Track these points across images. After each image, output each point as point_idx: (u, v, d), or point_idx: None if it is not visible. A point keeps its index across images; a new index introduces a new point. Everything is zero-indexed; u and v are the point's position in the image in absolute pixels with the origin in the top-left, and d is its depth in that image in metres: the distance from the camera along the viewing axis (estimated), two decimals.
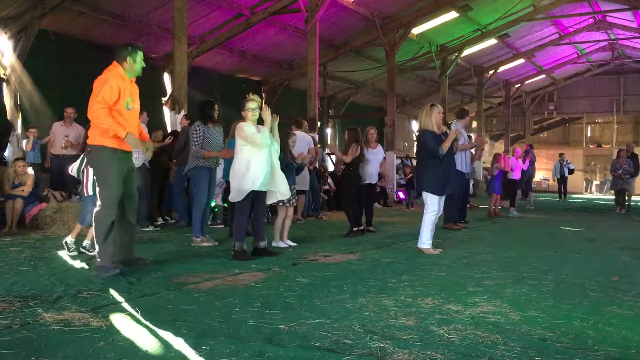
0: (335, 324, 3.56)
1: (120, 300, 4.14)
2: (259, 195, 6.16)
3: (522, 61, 24.89)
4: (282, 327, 3.48)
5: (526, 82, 28.08)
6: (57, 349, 3.03)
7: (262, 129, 6.06)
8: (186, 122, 9.33)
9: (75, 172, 6.08)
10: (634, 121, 30.61)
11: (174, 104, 10.41)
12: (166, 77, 14.01)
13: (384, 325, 3.57)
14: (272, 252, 6.45)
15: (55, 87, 11.65)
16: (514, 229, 9.98)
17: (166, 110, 12.85)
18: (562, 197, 19.64)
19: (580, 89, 30.42)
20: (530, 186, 16.45)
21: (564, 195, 19.77)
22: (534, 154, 16.95)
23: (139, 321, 3.59)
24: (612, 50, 26.57)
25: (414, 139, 24.05)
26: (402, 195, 16.25)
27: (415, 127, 25.40)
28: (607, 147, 29.66)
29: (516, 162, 13.05)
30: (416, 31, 18.01)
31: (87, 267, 5.41)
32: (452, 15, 17.65)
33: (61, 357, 2.93)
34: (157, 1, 12.21)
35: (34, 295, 4.23)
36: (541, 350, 3.13)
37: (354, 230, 8.27)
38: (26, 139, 10.27)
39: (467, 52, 20.87)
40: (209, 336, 3.27)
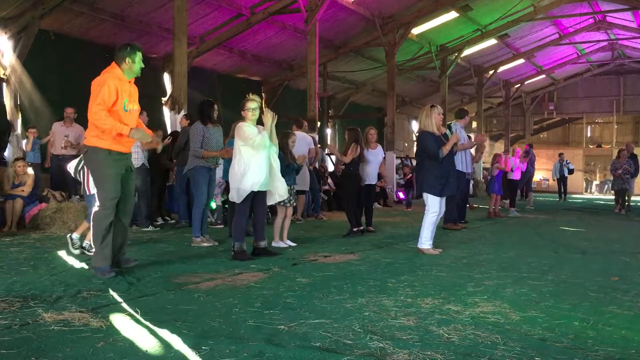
0: (335, 324, 3.56)
1: (120, 300, 4.14)
2: (258, 195, 6.15)
3: (522, 61, 24.89)
4: (282, 327, 3.48)
5: (526, 82, 28.07)
6: (57, 349, 3.02)
7: (262, 131, 6.05)
8: (186, 122, 9.33)
9: (72, 171, 6.09)
10: (634, 121, 30.63)
11: (174, 104, 10.41)
12: (166, 77, 14.03)
13: (383, 325, 3.57)
14: (272, 252, 6.45)
15: (55, 87, 11.65)
16: (514, 229, 9.98)
17: (166, 110, 12.87)
18: (562, 197, 19.64)
19: (580, 89, 30.43)
20: (530, 186, 16.46)
21: (564, 195, 19.77)
22: (533, 154, 16.98)
23: (138, 321, 3.58)
24: (612, 50, 26.56)
25: (414, 139, 24.06)
26: (401, 195, 16.25)
27: (415, 127, 25.41)
28: (607, 147, 29.64)
29: (517, 163, 13.07)
30: (416, 31, 18.00)
31: (87, 267, 5.40)
32: (452, 15, 17.65)
33: (61, 357, 2.93)
34: (157, 1, 12.21)
35: (33, 295, 4.23)
36: (541, 350, 3.13)
37: (353, 230, 8.27)
38: (26, 139, 10.29)
39: (467, 52, 20.87)
40: (209, 336, 3.27)
